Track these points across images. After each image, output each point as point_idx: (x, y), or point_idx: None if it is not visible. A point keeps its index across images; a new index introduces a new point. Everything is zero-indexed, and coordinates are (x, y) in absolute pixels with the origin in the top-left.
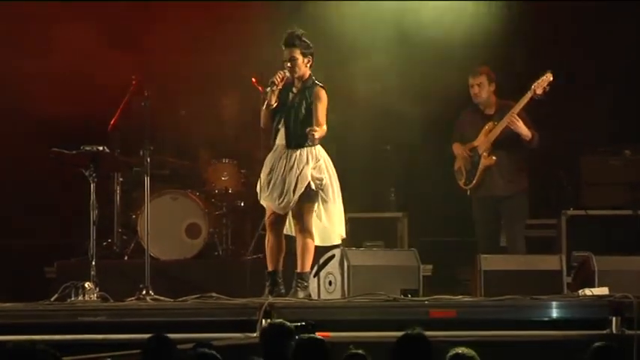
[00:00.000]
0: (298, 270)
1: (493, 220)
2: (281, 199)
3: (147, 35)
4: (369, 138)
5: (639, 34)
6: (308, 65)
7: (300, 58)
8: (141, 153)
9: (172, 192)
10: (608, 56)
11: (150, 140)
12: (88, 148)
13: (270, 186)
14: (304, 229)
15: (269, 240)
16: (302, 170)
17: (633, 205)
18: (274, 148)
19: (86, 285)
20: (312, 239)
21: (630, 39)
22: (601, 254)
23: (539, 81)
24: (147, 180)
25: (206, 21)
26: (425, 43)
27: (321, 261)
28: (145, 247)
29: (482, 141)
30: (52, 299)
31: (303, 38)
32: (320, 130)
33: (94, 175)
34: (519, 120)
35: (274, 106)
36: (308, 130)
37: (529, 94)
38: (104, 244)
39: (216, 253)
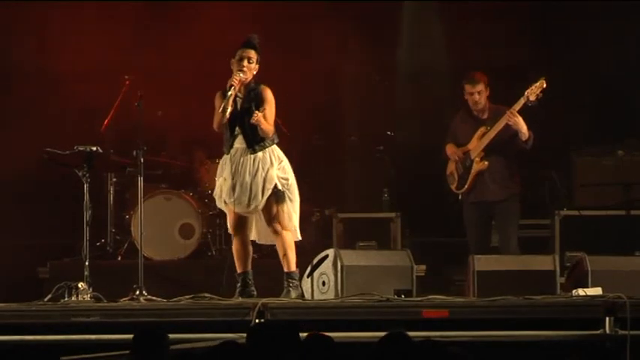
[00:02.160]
0: (286, 270)
1: (484, 224)
2: (250, 203)
3: (142, 34)
4: (363, 138)
5: (632, 33)
6: (255, 71)
7: (254, 62)
8: (134, 153)
9: (166, 192)
10: (602, 54)
11: (143, 140)
12: (81, 148)
13: (237, 190)
14: (280, 229)
15: (235, 243)
16: (267, 172)
17: (626, 205)
18: (233, 152)
19: (79, 285)
20: (291, 237)
21: (623, 37)
22: (594, 254)
23: (533, 87)
24: (140, 180)
25: (201, 22)
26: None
27: (315, 261)
28: (139, 248)
29: (474, 145)
30: (45, 299)
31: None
32: (263, 122)
33: (87, 175)
34: (518, 116)
35: (230, 109)
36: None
37: (522, 101)
38: (97, 244)
39: (209, 254)
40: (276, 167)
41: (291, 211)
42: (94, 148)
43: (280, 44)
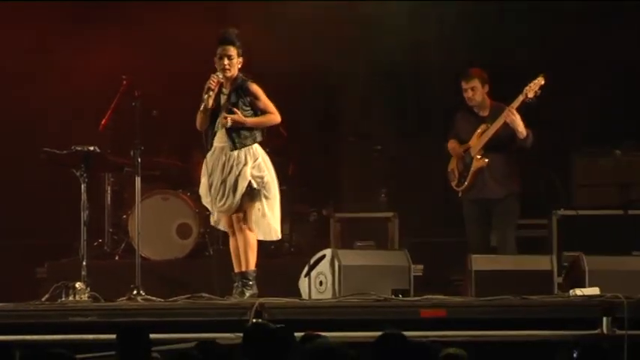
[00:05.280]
0: (243, 269)
1: (484, 222)
2: (223, 202)
3: (142, 33)
4: (360, 138)
5: (630, 33)
6: (239, 66)
7: (235, 57)
8: (132, 153)
9: (163, 192)
10: (601, 55)
11: (140, 140)
12: (79, 148)
13: (212, 190)
14: (245, 228)
15: (232, 242)
16: (241, 170)
17: (624, 205)
18: (212, 151)
19: (77, 285)
20: (254, 237)
21: (622, 37)
22: (592, 254)
23: (531, 84)
24: (137, 180)
25: (200, 21)
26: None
27: (312, 261)
28: (136, 248)
29: (475, 143)
30: (43, 299)
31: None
32: (243, 119)
33: (84, 175)
34: (517, 115)
35: (210, 108)
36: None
37: (520, 98)
38: (95, 244)
39: (207, 254)
40: (251, 165)
41: (266, 209)
42: (92, 148)
43: (281, 43)
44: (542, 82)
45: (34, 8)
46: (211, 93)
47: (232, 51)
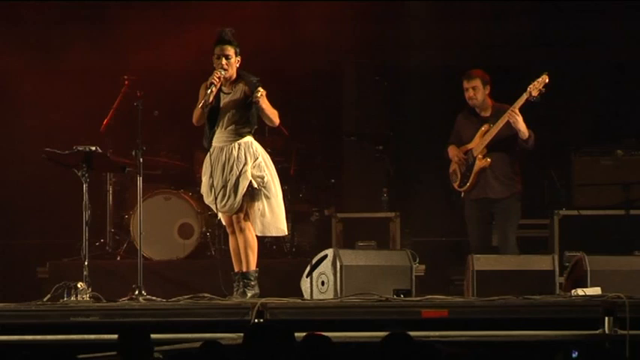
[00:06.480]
0: (243, 269)
1: (485, 222)
2: (224, 202)
3: (143, 33)
4: (362, 138)
5: (630, 32)
6: (237, 65)
7: (233, 56)
8: (133, 153)
9: (165, 192)
10: (601, 54)
11: (142, 140)
12: (80, 149)
13: (213, 189)
14: (245, 228)
15: (231, 241)
16: (241, 170)
17: (625, 204)
18: (211, 151)
19: (79, 285)
20: (254, 237)
21: (623, 36)
22: (593, 254)
23: (535, 83)
24: (139, 180)
25: (201, 21)
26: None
27: (314, 261)
28: (138, 247)
29: (477, 143)
30: (45, 299)
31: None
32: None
33: (86, 175)
34: (519, 115)
35: (209, 104)
36: (256, 94)
37: (525, 96)
38: (97, 244)
39: (208, 253)
40: (251, 165)
41: (266, 209)
42: (93, 148)
43: (280, 44)
44: (547, 81)
45: (35, 8)
46: (213, 88)
47: (230, 50)
